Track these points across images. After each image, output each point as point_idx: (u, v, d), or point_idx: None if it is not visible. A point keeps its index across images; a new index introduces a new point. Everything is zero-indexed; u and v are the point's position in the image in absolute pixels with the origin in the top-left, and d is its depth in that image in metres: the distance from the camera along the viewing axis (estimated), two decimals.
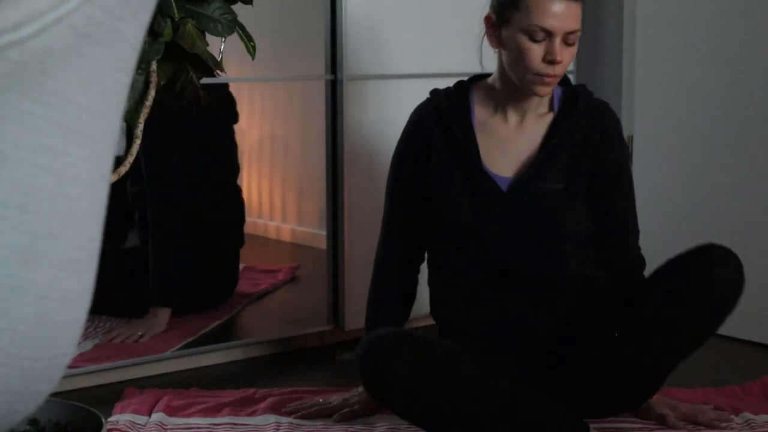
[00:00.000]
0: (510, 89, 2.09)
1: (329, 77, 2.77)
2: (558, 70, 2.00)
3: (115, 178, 1.51)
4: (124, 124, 1.68)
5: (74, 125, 0.52)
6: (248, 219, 3.28)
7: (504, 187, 2.08)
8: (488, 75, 2.18)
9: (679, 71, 3.01)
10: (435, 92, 2.18)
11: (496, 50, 2.09)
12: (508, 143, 2.11)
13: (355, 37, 2.76)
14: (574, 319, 2.11)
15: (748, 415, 2.21)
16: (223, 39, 1.70)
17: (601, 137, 2.10)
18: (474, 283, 2.11)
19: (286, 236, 3.49)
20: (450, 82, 2.50)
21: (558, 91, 2.13)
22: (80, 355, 2.55)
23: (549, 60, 1.98)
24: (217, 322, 2.92)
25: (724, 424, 2.14)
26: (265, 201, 3.51)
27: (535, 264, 2.08)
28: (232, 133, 3.06)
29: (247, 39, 1.73)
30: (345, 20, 2.73)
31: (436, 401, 1.93)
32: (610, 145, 2.11)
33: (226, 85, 2.93)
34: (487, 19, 2.09)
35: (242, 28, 1.71)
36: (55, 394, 0.90)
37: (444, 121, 2.12)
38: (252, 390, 2.41)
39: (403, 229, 2.23)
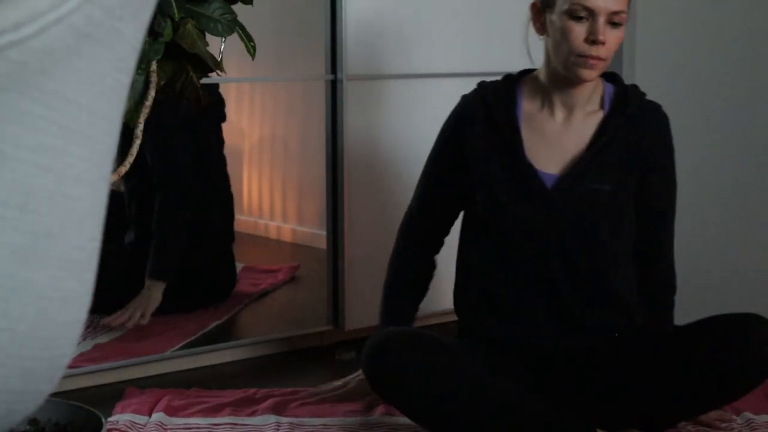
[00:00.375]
0: (555, 79, 2.05)
1: (329, 77, 2.77)
2: (602, 51, 1.95)
3: (115, 178, 1.51)
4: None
5: (74, 125, 0.52)
6: (248, 219, 3.28)
7: (549, 184, 2.04)
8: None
9: (679, 71, 3.01)
10: (482, 84, 2.15)
11: (542, 37, 2.06)
12: (555, 140, 2.06)
13: (355, 37, 2.76)
14: (599, 341, 2.08)
15: (748, 415, 2.21)
16: (223, 39, 1.70)
17: (652, 138, 2.06)
18: (503, 286, 2.08)
19: (286, 236, 3.49)
20: (451, 82, 2.50)
21: (609, 89, 2.10)
22: (80, 355, 2.55)
23: (592, 40, 1.94)
24: (217, 322, 2.92)
25: (725, 424, 2.14)
26: (266, 201, 3.51)
27: (571, 269, 2.04)
28: (220, 131, 3.07)
29: (247, 39, 1.73)
30: (345, 20, 2.73)
31: (441, 402, 1.93)
32: (660, 145, 2.08)
33: (216, 86, 2.94)
34: (533, 6, 2.07)
35: (242, 28, 1.71)
36: (55, 394, 0.90)
37: (489, 112, 2.08)
38: (253, 390, 2.41)
39: (431, 212, 2.21)
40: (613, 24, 1.97)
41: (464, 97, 2.16)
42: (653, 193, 2.09)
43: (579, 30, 1.95)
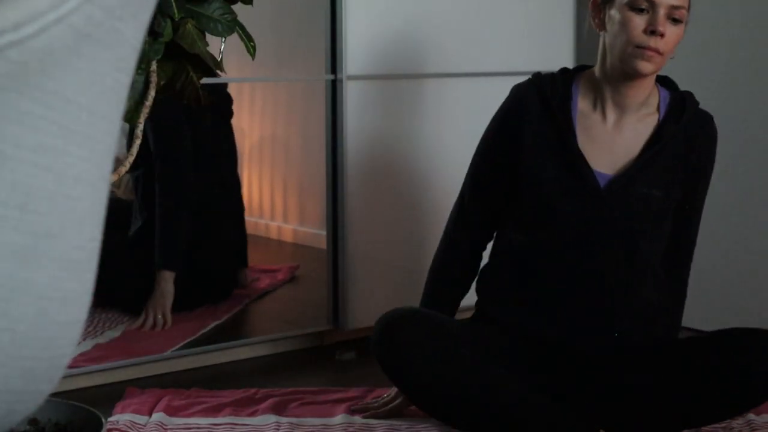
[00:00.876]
0: (610, 77, 2.04)
1: (329, 77, 2.77)
2: (660, 44, 1.95)
3: (115, 178, 1.51)
4: (125, 125, 1.69)
5: (74, 125, 0.52)
6: (249, 219, 3.28)
7: (602, 183, 2.02)
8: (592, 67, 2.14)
9: (678, 71, 3.00)
10: (538, 75, 2.13)
11: (601, 33, 2.06)
12: (606, 141, 2.05)
13: (355, 37, 2.76)
14: (618, 347, 2.06)
15: (749, 415, 2.21)
16: (223, 39, 1.70)
17: (702, 149, 2.07)
18: (536, 277, 2.06)
19: (287, 237, 3.49)
20: (450, 82, 2.50)
21: (664, 93, 2.10)
22: (80, 355, 2.55)
23: (651, 30, 1.94)
24: (217, 322, 2.92)
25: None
26: (266, 201, 3.51)
27: (608, 270, 2.03)
28: (228, 129, 3.08)
29: (247, 39, 1.73)
30: (345, 20, 2.73)
31: (442, 391, 1.93)
32: (707, 157, 2.08)
33: (225, 85, 2.94)
34: (593, 2, 2.07)
35: (242, 28, 1.71)
36: (55, 394, 0.90)
37: (545, 105, 2.06)
38: (253, 390, 2.41)
39: (483, 202, 2.15)
40: (674, 20, 1.97)
41: (517, 87, 2.13)
42: (691, 201, 2.09)
43: (639, 21, 1.96)
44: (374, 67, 2.82)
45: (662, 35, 1.95)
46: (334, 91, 2.78)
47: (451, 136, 2.89)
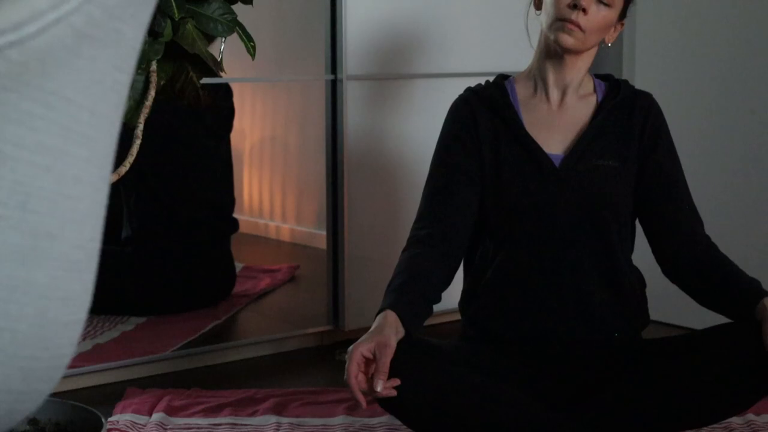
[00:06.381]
0: (547, 55, 2.06)
1: (329, 77, 2.77)
2: (582, 20, 1.97)
3: (115, 178, 1.51)
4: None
5: (74, 125, 0.52)
6: (248, 219, 3.28)
7: (556, 163, 2.03)
8: None
9: (679, 71, 3.01)
10: (468, 87, 2.16)
11: (538, 13, 2.09)
12: (553, 121, 2.08)
13: (355, 37, 2.76)
14: (603, 334, 2.06)
15: (749, 415, 2.21)
16: (223, 39, 1.71)
17: (645, 117, 2.07)
18: (511, 281, 2.04)
19: (285, 236, 3.49)
20: (449, 82, 2.50)
21: (599, 81, 2.13)
22: (80, 355, 2.55)
23: (574, 4, 1.97)
24: (217, 322, 2.92)
25: None
26: (266, 201, 3.51)
27: (580, 251, 2.01)
28: (220, 131, 3.09)
29: (247, 39, 1.73)
30: (345, 20, 2.73)
31: (438, 413, 1.89)
32: (653, 123, 2.08)
33: (230, 96, 2.94)
34: None
35: (242, 28, 1.71)
36: (55, 394, 0.90)
37: (486, 102, 2.08)
38: (253, 390, 2.41)
39: (445, 207, 2.07)
40: (601, 2, 2.00)
41: (457, 100, 2.16)
42: (663, 170, 2.08)
43: None
44: (374, 67, 2.83)
45: (584, 10, 1.97)
46: (334, 91, 2.78)
47: None
